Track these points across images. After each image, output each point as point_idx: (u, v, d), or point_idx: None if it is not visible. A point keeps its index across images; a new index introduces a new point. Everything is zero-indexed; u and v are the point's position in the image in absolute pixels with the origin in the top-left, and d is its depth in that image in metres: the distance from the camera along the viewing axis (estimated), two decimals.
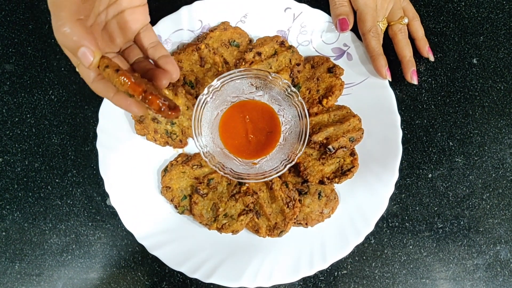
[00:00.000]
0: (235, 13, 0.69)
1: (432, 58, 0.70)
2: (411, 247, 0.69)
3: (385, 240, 0.68)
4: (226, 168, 0.61)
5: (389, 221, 0.69)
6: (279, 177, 0.65)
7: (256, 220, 0.64)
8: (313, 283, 0.68)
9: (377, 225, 0.65)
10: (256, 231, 0.65)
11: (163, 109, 0.43)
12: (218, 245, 0.65)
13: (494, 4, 0.74)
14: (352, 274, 0.68)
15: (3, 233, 0.68)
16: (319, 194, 0.65)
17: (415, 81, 0.67)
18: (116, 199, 0.65)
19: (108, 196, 0.65)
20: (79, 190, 0.69)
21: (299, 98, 0.61)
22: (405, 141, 0.69)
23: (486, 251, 0.69)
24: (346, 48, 0.69)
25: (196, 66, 0.67)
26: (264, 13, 0.69)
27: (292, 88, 0.61)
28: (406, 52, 0.68)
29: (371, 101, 0.67)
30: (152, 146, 0.67)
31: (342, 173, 0.64)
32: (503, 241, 0.69)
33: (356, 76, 0.68)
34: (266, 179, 0.61)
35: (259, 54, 0.66)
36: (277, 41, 0.67)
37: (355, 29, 0.68)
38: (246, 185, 0.64)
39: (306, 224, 0.65)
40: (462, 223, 0.69)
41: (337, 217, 0.66)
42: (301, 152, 0.61)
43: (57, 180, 0.69)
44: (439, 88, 0.72)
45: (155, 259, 0.64)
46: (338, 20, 0.66)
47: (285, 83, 0.61)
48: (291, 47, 0.67)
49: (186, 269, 0.63)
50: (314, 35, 0.69)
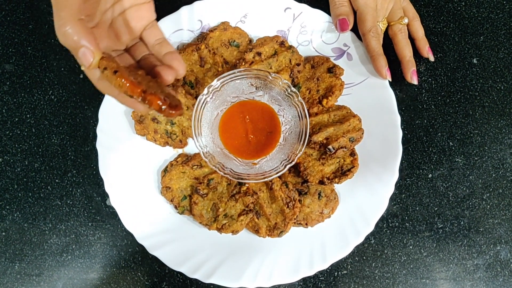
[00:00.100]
0: (235, 13, 0.69)
1: (432, 58, 0.70)
2: (411, 247, 0.69)
3: (385, 240, 0.68)
4: (226, 168, 0.61)
5: (389, 221, 0.69)
6: (279, 177, 0.65)
7: (256, 220, 0.64)
8: (313, 283, 0.68)
9: (377, 225, 0.65)
10: (256, 231, 0.65)
11: (164, 108, 0.43)
12: (218, 245, 0.65)
13: (494, 4, 0.74)
14: (352, 274, 0.68)
15: (3, 233, 0.68)
16: (319, 194, 0.65)
17: (415, 81, 0.67)
18: (116, 199, 0.64)
19: (108, 196, 0.65)
20: (79, 190, 0.69)
21: (299, 98, 0.61)
22: (405, 141, 0.69)
23: (486, 251, 0.69)
24: (346, 48, 0.69)
25: (196, 66, 0.67)
26: (264, 13, 0.69)
27: (292, 88, 0.61)
28: (406, 52, 0.68)
29: (371, 101, 0.67)
30: (152, 146, 0.67)
31: (342, 173, 0.64)
32: (503, 241, 0.69)
33: (356, 76, 0.68)
34: (266, 179, 0.61)
35: (259, 54, 0.66)
36: (277, 41, 0.67)
37: (355, 29, 0.68)
38: (246, 185, 0.64)
39: (306, 224, 0.65)
40: (462, 223, 0.69)
41: (337, 217, 0.66)
42: (301, 152, 0.61)
43: (57, 180, 0.69)
44: (439, 88, 0.72)
45: (155, 259, 0.64)
46: (338, 20, 0.66)
47: (285, 83, 0.61)
48: (291, 47, 0.67)
49: (186, 269, 0.63)
50: (314, 35, 0.69)
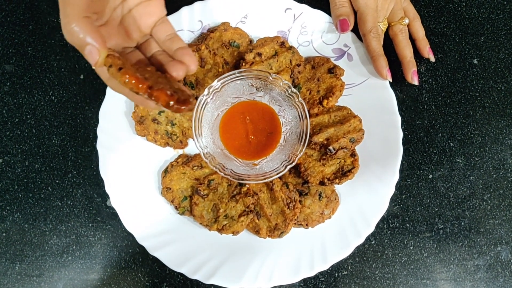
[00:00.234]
0: (235, 14, 0.68)
1: (432, 59, 0.70)
2: (411, 248, 0.69)
3: (386, 241, 0.68)
4: (227, 169, 0.61)
5: (390, 222, 0.69)
6: (280, 178, 0.65)
7: (257, 221, 0.64)
8: (313, 284, 0.68)
9: (377, 226, 0.65)
10: (257, 232, 0.64)
11: (171, 104, 0.41)
12: (219, 246, 0.65)
13: (494, 5, 0.74)
14: (353, 275, 0.68)
15: (4, 234, 0.68)
16: (320, 195, 0.65)
17: (415, 81, 0.67)
18: (116, 200, 0.64)
19: (109, 197, 0.65)
20: (79, 191, 0.69)
21: (300, 99, 0.61)
22: (405, 141, 0.69)
23: (487, 251, 0.69)
24: (347, 49, 0.69)
25: None
26: (265, 13, 0.69)
27: (293, 88, 0.61)
28: (406, 52, 0.68)
29: (371, 101, 0.67)
30: (153, 147, 0.67)
31: (343, 174, 0.64)
32: (503, 242, 0.69)
33: (356, 77, 0.68)
34: (266, 180, 0.61)
35: (259, 54, 0.66)
36: (277, 41, 0.67)
37: (355, 30, 0.68)
38: (247, 186, 0.64)
39: (307, 225, 0.65)
40: (462, 223, 0.69)
41: (337, 218, 0.66)
42: (301, 153, 0.61)
43: (57, 181, 0.69)
44: (439, 88, 0.72)
45: (156, 260, 0.64)
46: (339, 21, 0.66)
47: (285, 83, 0.61)
48: (291, 47, 0.67)
49: (187, 270, 0.63)
50: (314, 35, 0.69)
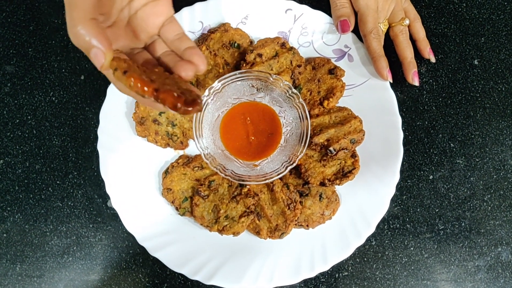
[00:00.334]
0: (236, 15, 0.69)
1: (433, 60, 0.70)
2: (412, 248, 0.69)
3: (386, 241, 0.68)
4: (227, 170, 0.61)
5: (390, 222, 0.69)
6: (280, 178, 0.65)
7: (257, 222, 0.64)
8: (314, 284, 0.68)
9: (378, 226, 0.65)
10: (257, 233, 0.64)
11: (179, 106, 0.40)
12: (219, 247, 0.65)
13: (495, 5, 0.74)
14: (353, 275, 0.68)
15: (4, 235, 0.68)
16: (320, 195, 0.65)
17: (416, 82, 0.67)
18: (117, 201, 0.64)
19: (109, 198, 0.65)
20: (80, 192, 0.69)
21: (300, 99, 0.61)
22: (406, 142, 0.69)
23: (487, 252, 0.69)
24: (347, 50, 0.69)
25: None
26: (265, 14, 0.69)
27: (293, 89, 0.61)
28: (407, 53, 0.68)
29: (372, 102, 0.67)
30: (153, 148, 0.67)
31: (343, 174, 0.64)
32: (504, 242, 0.69)
33: (357, 78, 0.68)
34: (267, 181, 0.61)
35: (260, 55, 0.66)
36: (278, 42, 0.67)
37: (356, 31, 0.68)
38: (247, 187, 0.64)
39: (307, 225, 0.65)
40: (463, 224, 0.69)
41: (338, 218, 0.66)
42: (302, 154, 0.61)
43: (58, 182, 0.69)
44: (440, 89, 0.72)
45: (156, 261, 0.64)
46: (339, 22, 0.66)
47: (286, 84, 0.61)
48: (292, 48, 0.67)
49: (187, 271, 0.63)
50: (315, 36, 0.69)
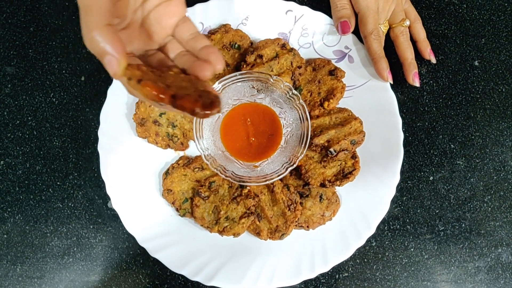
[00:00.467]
0: (236, 16, 0.68)
1: (433, 60, 0.70)
2: (412, 249, 0.69)
3: (386, 242, 0.68)
4: (228, 171, 0.61)
5: (391, 223, 0.69)
6: (281, 180, 0.65)
7: (258, 223, 0.64)
8: (314, 285, 0.68)
9: (378, 227, 0.65)
10: (258, 234, 0.65)
11: (197, 111, 0.39)
12: (219, 248, 0.65)
13: (495, 6, 0.74)
14: (353, 276, 0.68)
15: (5, 236, 0.68)
16: (321, 196, 0.65)
17: (417, 83, 0.67)
18: (117, 202, 0.65)
19: (109, 199, 0.65)
20: (80, 193, 0.69)
21: (301, 100, 0.61)
22: (406, 143, 0.69)
23: (487, 253, 0.69)
24: (348, 51, 0.69)
25: None
26: (265, 15, 0.69)
27: (294, 90, 0.61)
28: (407, 54, 0.68)
29: (372, 103, 0.67)
30: (153, 149, 0.67)
31: (344, 175, 0.64)
32: (504, 243, 0.69)
33: (357, 79, 0.68)
34: (267, 182, 0.61)
35: (260, 56, 0.66)
36: (278, 43, 0.67)
37: (356, 32, 0.68)
38: (248, 188, 0.64)
39: (308, 227, 0.65)
40: (463, 225, 0.69)
41: (338, 219, 0.66)
42: (302, 155, 0.61)
43: (58, 183, 0.69)
44: (440, 90, 0.72)
45: (157, 262, 0.64)
46: (340, 23, 0.66)
47: (286, 85, 0.61)
48: (292, 49, 0.67)
49: (188, 272, 0.63)
50: (315, 37, 0.69)
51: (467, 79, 0.72)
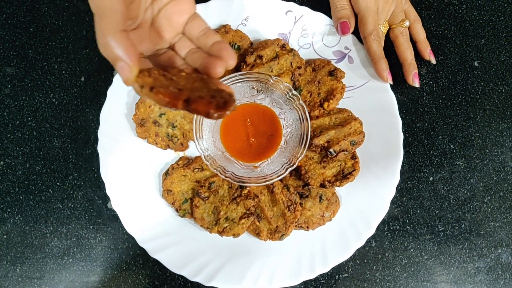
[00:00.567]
0: (236, 16, 0.69)
1: (433, 61, 0.70)
2: (412, 250, 0.69)
3: (386, 243, 0.68)
4: (227, 171, 0.61)
5: (390, 224, 0.69)
6: (280, 180, 0.65)
7: (257, 223, 0.64)
8: (314, 286, 0.68)
9: (378, 228, 0.65)
10: (257, 234, 0.65)
11: (211, 112, 0.38)
12: (219, 248, 0.65)
13: (495, 7, 0.74)
14: (353, 277, 0.68)
15: (4, 236, 0.68)
16: (320, 197, 0.65)
17: (416, 84, 0.67)
18: (117, 202, 0.65)
19: (109, 199, 0.65)
20: (80, 193, 0.69)
21: (300, 101, 0.61)
22: (406, 144, 0.69)
23: (487, 254, 0.69)
24: (347, 51, 0.69)
25: None
26: (265, 16, 0.69)
27: (293, 91, 0.61)
28: (407, 55, 0.68)
29: (372, 104, 0.67)
30: (153, 149, 0.67)
31: (343, 176, 0.64)
32: (504, 244, 0.69)
33: (357, 79, 0.68)
34: (267, 182, 0.61)
35: (260, 57, 0.66)
36: (278, 44, 0.67)
37: (356, 32, 0.68)
38: (247, 188, 0.64)
39: (307, 227, 0.65)
40: (463, 226, 0.69)
41: (338, 220, 0.66)
42: (302, 156, 0.61)
43: (58, 183, 0.69)
44: (440, 91, 0.72)
45: (156, 262, 0.64)
46: (339, 23, 0.66)
47: (286, 86, 0.61)
48: (292, 50, 0.67)
49: (187, 272, 0.63)
50: (315, 38, 0.69)
51: (466, 79, 0.72)
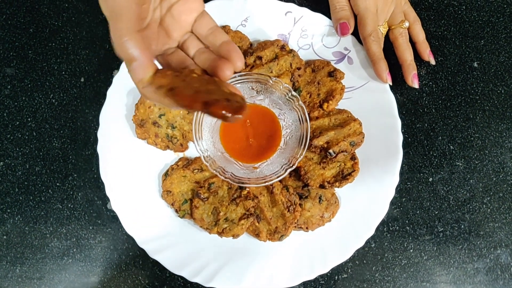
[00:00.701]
0: (235, 17, 0.69)
1: (433, 62, 0.70)
2: (411, 250, 0.69)
3: (386, 244, 0.68)
4: (227, 172, 0.61)
5: (390, 225, 0.69)
6: (280, 181, 0.65)
7: (257, 224, 0.64)
8: (313, 287, 0.68)
9: (377, 229, 0.65)
10: (257, 235, 0.65)
11: (228, 116, 0.38)
12: (219, 249, 0.65)
13: (494, 8, 0.74)
14: (353, 278, 0.68)
15: (4, 237, 0.68)
16: (320, 198, 0.65)
17: (416, 85, 0.67)
18: (116, 203, 0.65)
19: (109, 200, 0.65)
20: (80, 194, 0.69)
21: (300, 102, 0.61)
22: (405, 145, 0.69)
23: (486, 254, 0.69)
24: (347, 52, 0.69)
25: None
26: (265, 17, 0.69)
27: (293, 92, 0.61)
28: (407, 55, 0.68)
29: (371, 105, 0.67)
30: (153, 150, 0.67)
31: (343, 177, 0.64)
32: (503, 244, 0.69)
33: (356, 80, 0.68)
34: (266, 183, 0.61)
35: (259, 58, 0.66)
36: (277, 45, 0.67)
37: (356, 33, 0.68)
38: (247, 189, 0.64)
39: (307, 228, 0.65)
40: (462, 226, 0.69)
41: (337, 221, 0.66)
42: (301, 156, 0.61)
43: (58, 184, 0.69)
44: (439, 91, 0.72)
45: (156, 263, 0.64)
46: (339, 24, 0.66)
47: (285, 87, 0.61)
48: (291, 51, 0.67)
49: (187, 273, 0.63)
50: (314, 39, 0.69)
51: (466, 80, 0.72)
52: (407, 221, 0.69)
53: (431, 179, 0.70)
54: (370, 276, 0.68)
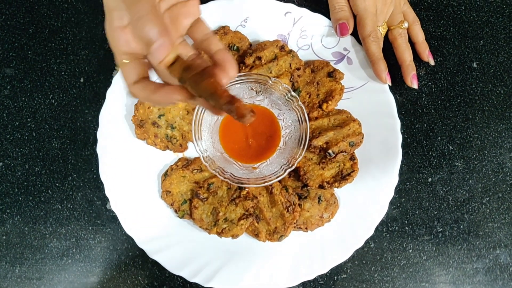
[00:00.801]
0: (235, 17, 0.69)
1: (432, 62, 0.70)
2: (410, 251, 0.69)
3: (385, 244, 0.69)
4: (226, 172, 0.61)
5: (389, 225, 0.69)
6: (279, 181, 0.65)
7: (256, 224, 0.64)
8: (312, 287, 0.68)
9: (376, 229, 0.65)
10: (256, 235, 0.65)
11: (248, 115, 0.38)
12: (218, 249, 0.65)
13: (494, 8, 0.74)
14: (352, 278, 0.68)
15: (4, 237, 0.69)
16: (319, 198, 0.65)
17: (415, 85, 0.67)
18: (116, 204, 0.65)
19: (108, 200, 0.65)
20: (79, 194, 0.69)
21: (299, 102, 0.61)
22: (405, 145, 0.69)
23: (485, 255, 0.69)
24: (346, 53, 0.69)
25: None
26: (264, 17, 0.69)
27: (292, 92, 0.61)
28: (406, 56, 0.68)
29: (371, 105, 0.67)
30: (152, 151, 0.67)
31: (342, 177, 0.64)
32: (502, 245, 0.69)
33: (356, 81, 0.68)
34: (266, 183, 0.61)
35: (259, 58, 0.66)
36: (277, 45, 0.67)
37: (355, 33, 0.68)
38: (246, 189, 0.64)
39: (306, 228, 0.65)
40: (461, 227, 0.69)
41: (337, 221, 0.66)
42: (301, 157, 0.61)
43: (57, 184, 0.69)
44: (439, 92, 0.72)
45: (155, 263, 0.64)
46: (338, 25, 0.67)
47: (285, 87, 0.61)
48: (291, 51, 0.67)
49: (186, 273, 0.63)
50: (314, 39, 0.69)
51: (465, 81, 0.72)
52: (406, 222, 0.69)
53: (430, 179, 0.70)
54: (369, 276, 0.68)
